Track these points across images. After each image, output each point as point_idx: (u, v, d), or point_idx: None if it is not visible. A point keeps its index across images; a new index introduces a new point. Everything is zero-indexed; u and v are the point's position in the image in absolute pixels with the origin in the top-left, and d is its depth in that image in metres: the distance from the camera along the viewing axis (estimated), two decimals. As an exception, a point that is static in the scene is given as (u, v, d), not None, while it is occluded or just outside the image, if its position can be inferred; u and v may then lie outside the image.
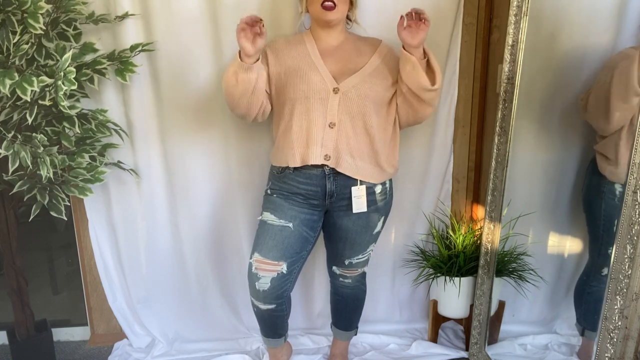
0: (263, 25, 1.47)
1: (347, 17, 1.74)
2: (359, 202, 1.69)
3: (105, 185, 1.98)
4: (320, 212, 1.75)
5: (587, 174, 1.69)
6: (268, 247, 1.68)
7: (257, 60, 1.55)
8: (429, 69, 1.62)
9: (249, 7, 1.82)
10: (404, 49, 1.59)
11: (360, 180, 1.68)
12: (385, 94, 1.69)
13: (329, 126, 1.62)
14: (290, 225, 1.68)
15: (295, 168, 1.66)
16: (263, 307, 1.73)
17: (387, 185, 1.78)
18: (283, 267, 1.68)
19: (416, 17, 1.54)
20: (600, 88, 1.52)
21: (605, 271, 1.62)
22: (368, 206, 1.72)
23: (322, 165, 1.65)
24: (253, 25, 1.47)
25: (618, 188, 1.53)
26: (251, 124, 1.93)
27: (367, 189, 1.70)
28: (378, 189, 1.73)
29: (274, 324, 1.82)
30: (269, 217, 1.71)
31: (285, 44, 1.71)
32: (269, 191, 1.76)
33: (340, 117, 1.62)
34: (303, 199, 1.70)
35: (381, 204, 1.77)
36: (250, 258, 1.71)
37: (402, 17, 1.55)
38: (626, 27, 1.54)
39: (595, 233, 1.68)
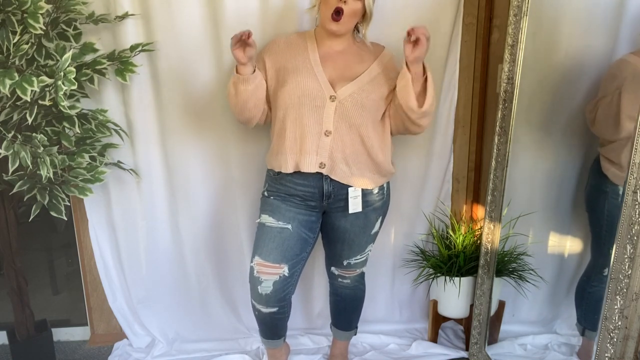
0: (250, 36, 1.49)
1: (357, 28, 1.71)
2: (355, 202, 1.69)
3: (105, 185, 1.98)
4: (318, 213, 1.74)
5: (591, 173, 1.69)
6: (268, 249, 1.67)
7: (254, 71, 1.57)
8: (423, 91, 1.59)
9: (249, 7, 1.82)
10: (406, 63, 1.56)
11: None
12: (382, 104, 1.67)
13: (325, 134, 1.61)
14: (289, 226, 1.68)
15: None
16: (265, 310, 1.72)
17: (384, 186, 1.78)
18: (284, 270, 1.67)
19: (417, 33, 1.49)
20: (609, 103, 1.50)
21: (606, 271, 1.62)
22: (365, 207, 1.72)
23: None
24: (243, 40, 1.49)
25: (622, 188, 1.52)
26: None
27: (364, 189, 1.70)
28: (375, 190, 1.73)
29: (274, 326, 1.81)
30: (267, 219, 1.70)
31: (285, 46, 1.69)
32: (265, 193, 1.75)
33: (336, 125, 1.61)
34: (300, 200, 1.69)
35: (378, 205, 1.76)
36: (251, 262, 1.71)
37: (408, 31, 1.50)
38: (625, 28, 1.54)
39: (597, 233, 1.68)
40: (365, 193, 1.71)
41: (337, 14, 1.54)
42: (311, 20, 1.81)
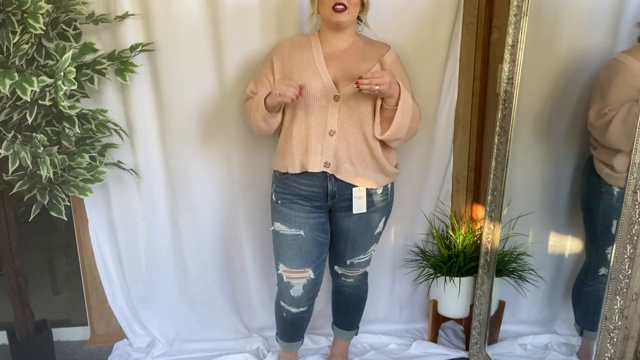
0: (300, 94, 1.54)
1: (359, 18, 1.71)
2: (359, 203, 1.70)
3: (105, 185, 1.98)
4: (325, 213, 1.75)
5: (585, 173, 1.69)
6: (289, 257, 1.71)
7: (281, 108, 1.63)
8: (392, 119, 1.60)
9: (249, 8, 1.82)
10: None
11: None
12: None
13: (330, 134, 1.62)
14: (302, 232, 1.69)
15: None
16: (296, 310, 1.79)
17: (388, 186, 1.78)
18: (310, 273, 1.73)
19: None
20: (626, 116, 1.44)
21: (602, 271, 1.62)
22: (369, 207, 1.72)
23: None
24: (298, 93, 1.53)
25: (616, 188, 1.52)
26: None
27: (368, 189, 1.70)
28: (379, 190, 1.74)
29: (300, 326, 1.88)
30: (280, 227, 1.73)
31: (290, 48, 1.69)
32: (273, 197, 1.76)
33: (340, 124, 1.62)
34: (306, 201, 1.70)
35: (382, 205, 1.77)
36: (278, 270, 1.76)
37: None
38: (624, 28, 1.54)
39: (592, 233, 1.68)
40: (369, 193, 1.71)
41: (340, 5, 1.55)
42: (312, 25, 1.81)
